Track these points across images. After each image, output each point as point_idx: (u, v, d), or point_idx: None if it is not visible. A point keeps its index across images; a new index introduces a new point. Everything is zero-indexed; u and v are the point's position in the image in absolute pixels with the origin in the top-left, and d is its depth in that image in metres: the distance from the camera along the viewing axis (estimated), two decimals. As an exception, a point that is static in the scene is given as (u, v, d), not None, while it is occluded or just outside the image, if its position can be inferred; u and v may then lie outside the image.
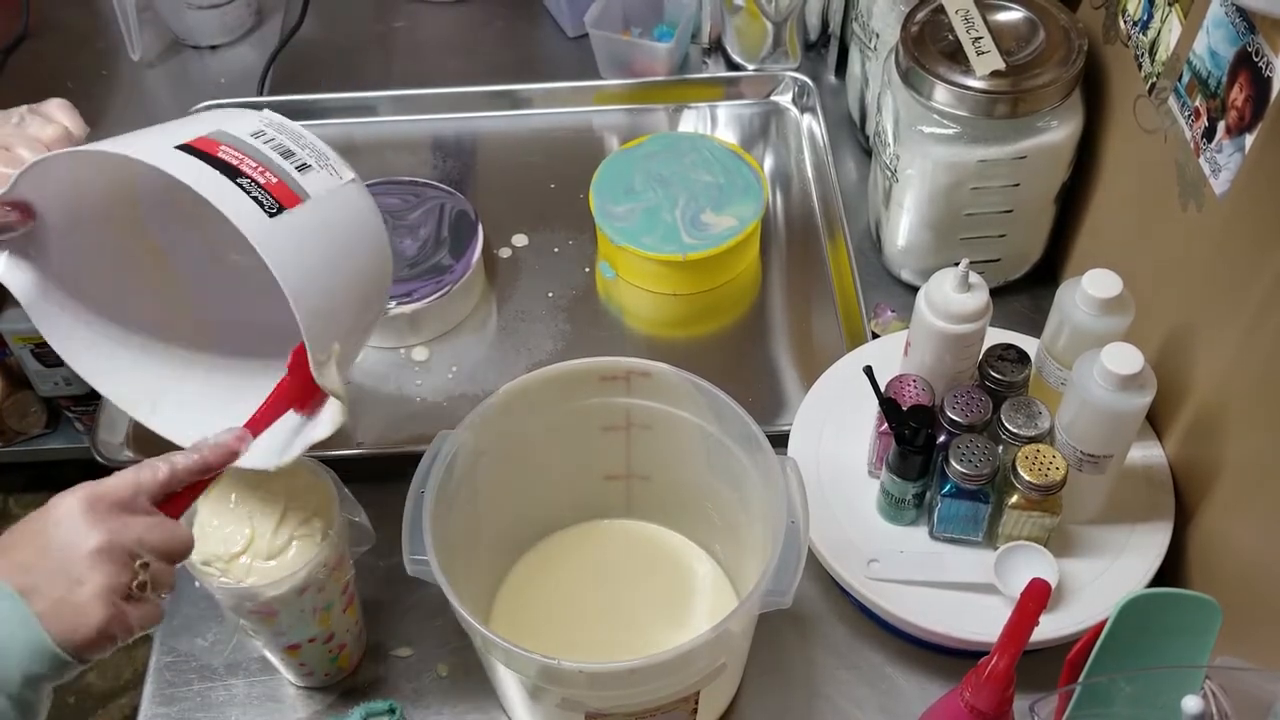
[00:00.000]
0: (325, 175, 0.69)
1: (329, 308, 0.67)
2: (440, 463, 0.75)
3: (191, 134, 0.65)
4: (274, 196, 0.64)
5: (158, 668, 0.86)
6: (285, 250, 0.63)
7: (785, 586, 0.69)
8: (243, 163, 0.65)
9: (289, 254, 0.64)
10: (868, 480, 0.89)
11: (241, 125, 0.68)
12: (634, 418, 0.83)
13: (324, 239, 0.68)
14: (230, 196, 0.62)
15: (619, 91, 1.23)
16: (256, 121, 0.69)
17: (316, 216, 0.67)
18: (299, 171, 0.67)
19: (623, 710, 0.72)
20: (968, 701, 0.66)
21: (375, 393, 1.02)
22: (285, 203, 0.65)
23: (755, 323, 1.07)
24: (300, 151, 0.68)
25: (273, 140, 0.68)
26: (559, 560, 0.90)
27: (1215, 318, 0.80)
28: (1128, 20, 0.90)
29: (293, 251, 0.64)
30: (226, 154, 0.65)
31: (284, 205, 0.64)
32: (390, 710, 0.82)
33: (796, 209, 1.15)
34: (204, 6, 1.28)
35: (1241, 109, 0.74)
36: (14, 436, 1.82)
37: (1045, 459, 0.78)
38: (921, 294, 0.83)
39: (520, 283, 1.09)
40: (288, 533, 0.74)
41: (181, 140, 0.64)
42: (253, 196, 0.63)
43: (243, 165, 0.64)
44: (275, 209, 0.64)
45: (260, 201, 0.63)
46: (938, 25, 0.94)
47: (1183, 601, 0.68)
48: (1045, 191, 0.99)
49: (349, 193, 0.70)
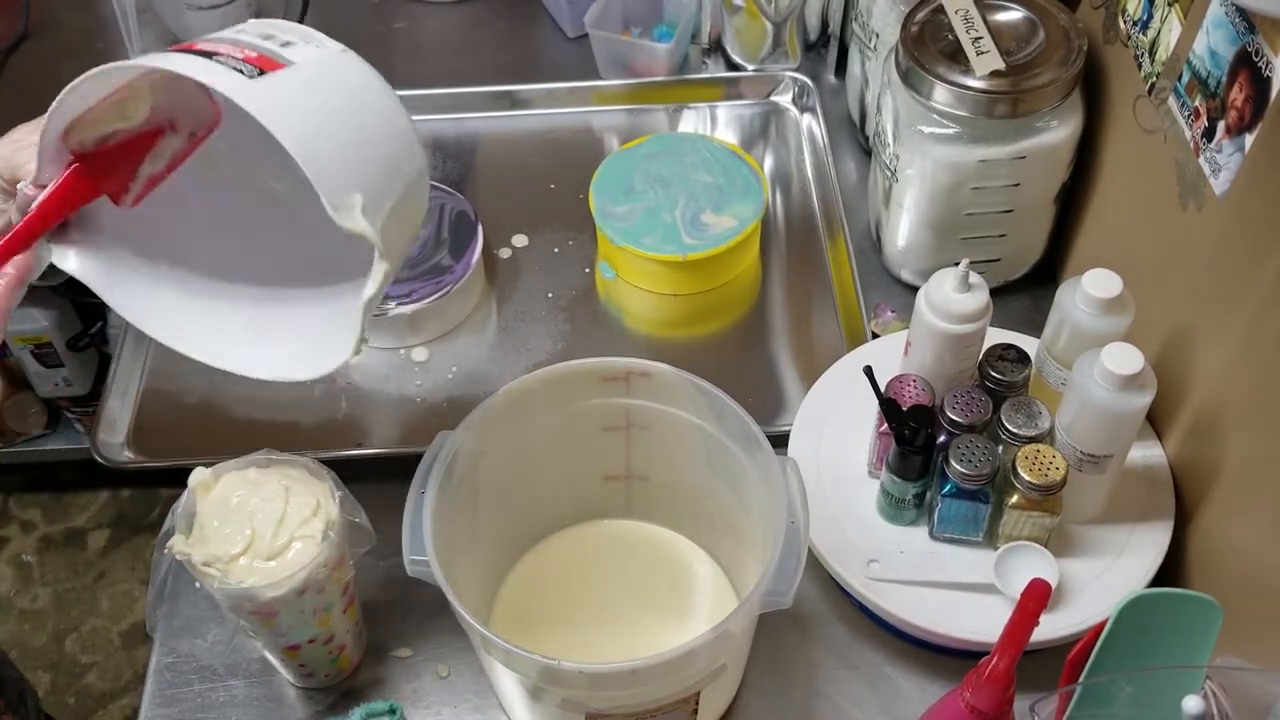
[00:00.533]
0: (311, 48, 0.68)
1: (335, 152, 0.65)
2: (440, 463, 0.75)
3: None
4: (254, 65, 0.64)
5: (158, 669, 0.86)
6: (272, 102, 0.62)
7: (785, 587, 0.69)
8: (218, 47, 0.64)
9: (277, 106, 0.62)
10: (868, 480, 0.89)
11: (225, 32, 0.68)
12: (634, 418, 0.83)
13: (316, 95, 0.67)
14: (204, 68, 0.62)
15: (619, 92, 1.23)
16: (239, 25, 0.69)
17: (304, 76, 0.66)
18: (282, 47, 0.66)
19: (623, 711, 0.72)
20: (968, 702, 0.66)
21: (375, 393, 1.02)
22: (266, 68, 0.64)
23: (755, 323, 1.07)
24: (280, 34, 0.67)
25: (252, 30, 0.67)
26: (559, 561, 0.90)
27: (1215, 317, 0.80)
28: (1127, 20, 0.90)
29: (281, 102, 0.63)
30: (204, 45, 0.65)
31: (264, 70, 0.64)
32: (390, 711, 0.82)
33: (796, 209, 1.15)
34: (203, 7, 1.28)
35: (1241, 109, 0.74)
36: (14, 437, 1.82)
37: (1045, 459, 0.78)
38: (921, 294, 0.83)
39: (520, 283, 1.09)
40: (288, 533, 0.74)
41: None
42: (233, 68, 0.63)
43: (218, 49, 0.64)
44: (256, 74, 0.63)
45: (240, 70, 0.63)
46: (937, 25, 0.94)
47: (1183, 601, 0.68)
48: (1045, 191, 0.99)
49: (340, 59, 0.70)
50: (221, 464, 0.77)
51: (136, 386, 1.02)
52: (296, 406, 1.00)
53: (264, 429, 0.99)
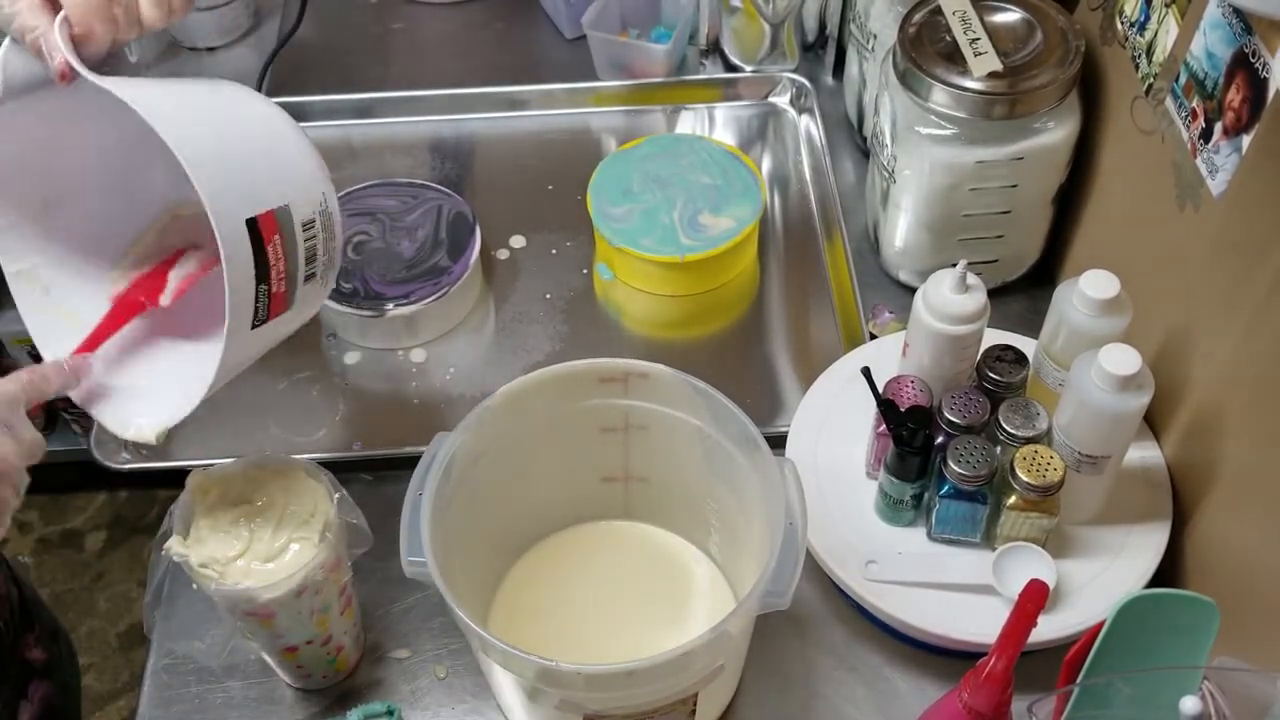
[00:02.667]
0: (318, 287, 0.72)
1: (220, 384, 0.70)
2: (438, 464, 0.75)
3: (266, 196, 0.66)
4: (270, 309, 0.68)
5: (155, 670, 0.86)
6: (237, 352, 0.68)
7: (783, 588, 0.69)
8: (276, 265, 0.67)
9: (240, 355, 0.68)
10: (866, 481, 0.89)
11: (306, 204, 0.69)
12: (632, 419, 0.83)
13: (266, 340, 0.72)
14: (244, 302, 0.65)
15: (617, 93, 1.23)
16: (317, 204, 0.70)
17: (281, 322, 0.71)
18: (305, 281, 0.70)
19: (621, 712, 0.72)
20: (966, 702, 0.66)
21: (373, 394, 1.02)
22: (273, 314, 0.69)
23: (753, 324, 1.07)
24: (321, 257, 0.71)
25: (312, 240, 0.70)
26: (557, 562, 0.90)
27: (1213, 318, 0.80)
28: (1125, 21, 0.90)
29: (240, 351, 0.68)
30: (273, 250, 0.66)
31: (269, 317, 0.68)
32: (388, 712, 0.82)
33: (794, 210, 1.15)
34: (201, 8, 1.28)
35: (1238, 110, 0.74)
36: (11, 438, 1.81)
37: (1043, 460, 0.78)
38: (919, 295, 0.83)
39: (518, 284, 1.09)
40: (285, 535, 0.74)
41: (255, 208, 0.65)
42: (256, 306, 0.66)
43: (273, 270, 0.67)
44: (262, 320, 0.68)
45: (258, 311, 0.67)
46: (935, 26, 0.94)
47: (1181, 602, 0.68)
48: (1043, 192, 0.99)
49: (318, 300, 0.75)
50: (219, 466, 0.77)
51: (134, 388, 1.02)
52: (294, 408, 1.00)
53: (261, 431, 0.99)
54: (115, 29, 0.64)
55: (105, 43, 0.64)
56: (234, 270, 0.64)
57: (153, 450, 0.98)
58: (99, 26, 0.63)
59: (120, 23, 0.65)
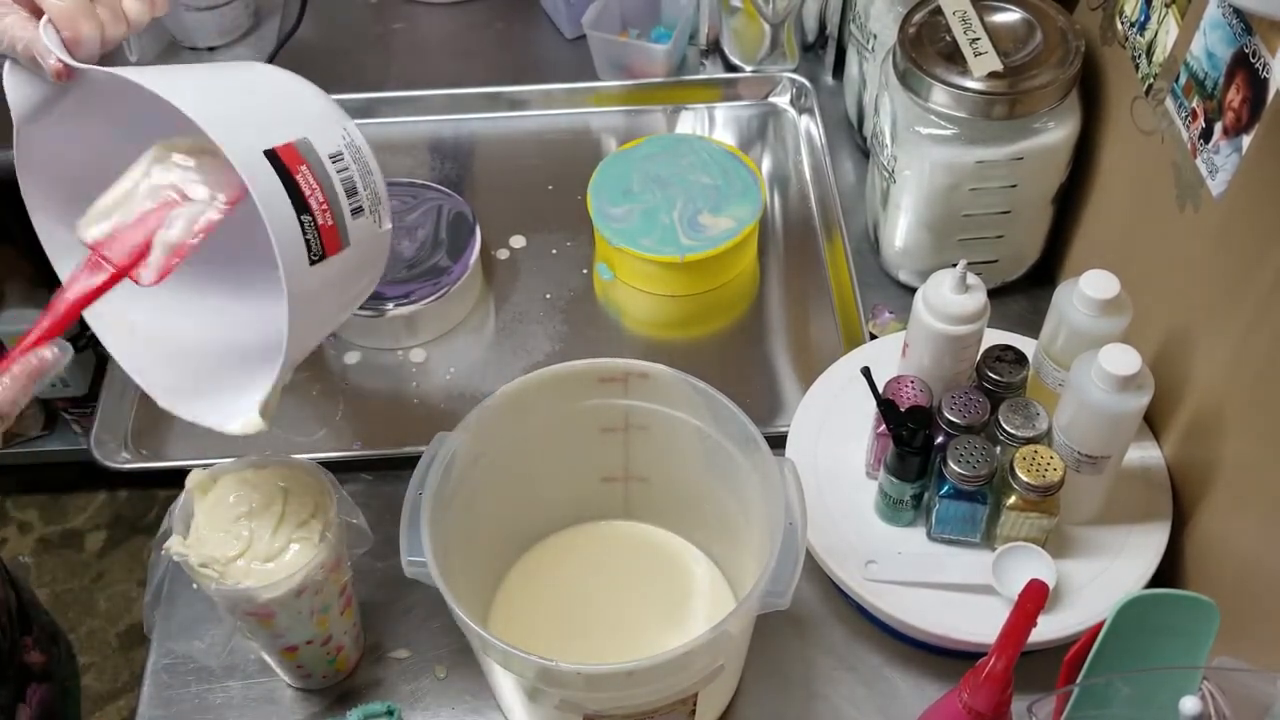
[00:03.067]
0: (370, 222, 0.68)
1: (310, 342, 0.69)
2: (438, 464, 0.75)
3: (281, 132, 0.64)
4: (323, 242, 0.64)
5: (155, 670, 0.86)
6: (305, 299, 0.64)
7: (783, 588, 0.69)
8: (313, 195, 0.64)
9: (306, 303, 0.64)
10: (865, 481, 0.89)
11: (327, 139, 0.67)
12: (632, 419, 0.83)
13: (338, 288, 0.69)
14: (291, 238, 0.62)
15: (617, 93, 1.23)
16: (339, 138, 0.68)
17: (346, 265, 0.67)
18: (353, 215, 0.67)
19: (621, 712, 0.72)
20: (966, 703, 0.66)
21: (373, 394, 1.02)
22: (329, 249, 0.65)
23: (753, 324, 1.07)
24: (362, 190, 0.68)
25: (346, 171, 0.67)
26: (557, 562, 0.90)
27: (1213, 319, 0.80)
28: (1125, 21, 0.90)
29: (310, 300, 0.65)
30: (305, 179, 0.64)
31: (326, 253, 0.65)
32: (388, 712, 0.82)
33: (794, 210, 1.15)
34: (201, 8, 1.28)
35: (1238, 110, 0.74)
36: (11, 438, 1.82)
37: (1043, 460, 0.78)
38: (919, 295, 0.83)
39: (518, 284, 1.09)
40: (285, 535, 0.74)
41: (271, 141, 0.63)
42: (307, 239, 0.63)
43: (312, 199, 0.64)
44: (319, 255, 0.64)
45: (310, 245, 0.64)
46: (935, 26, 0.94)
47: (1180, 602, 0.68)
48: (1043, 192, 0.99)
49: (379, 243, 0.71)
50: (219, 465, 0.77)
51: (134, 387, 1.02)
52: (294, 408, 1.00)
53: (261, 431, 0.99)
54: (101, 28, 0.65)
55: (95, 42, 0.65)
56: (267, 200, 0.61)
57: (152, 450, 0.98)
58: (85, 26, 0.64)
59: (106, 21, 0.65)
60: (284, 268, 0.62)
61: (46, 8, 0.63)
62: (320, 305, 0.68)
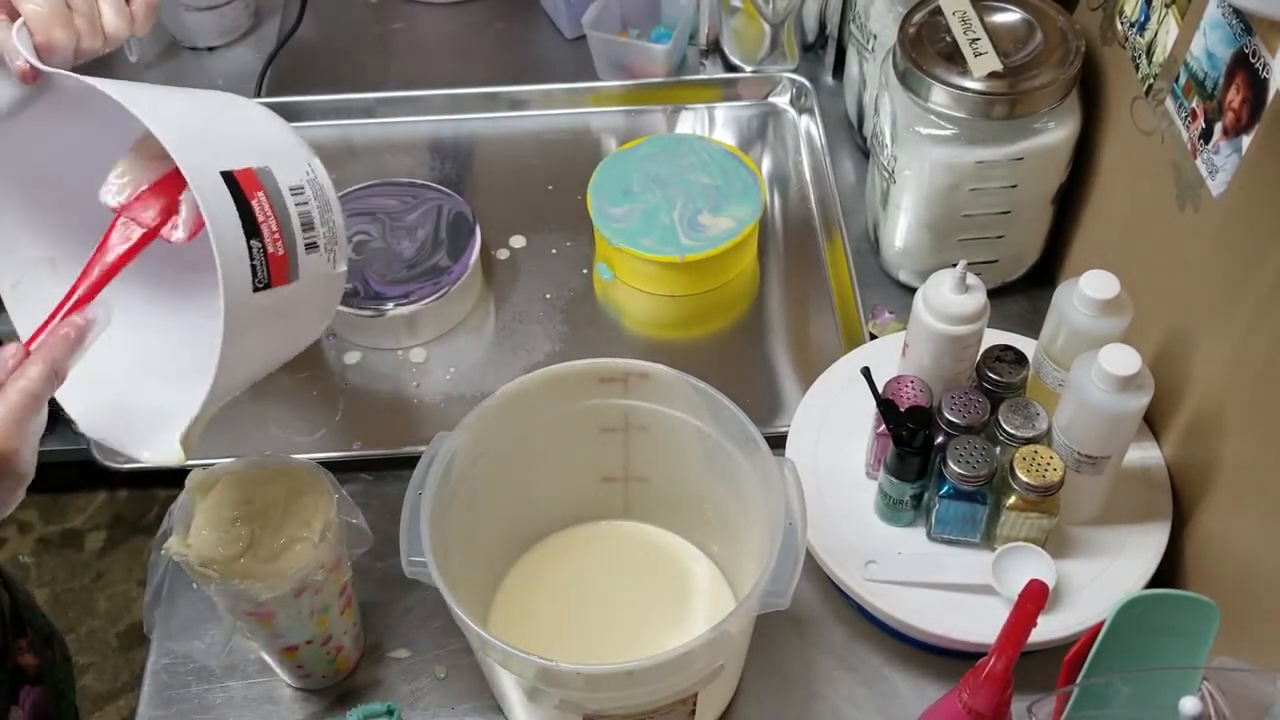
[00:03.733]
0: (324, 260, 0.68)
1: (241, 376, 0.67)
2: (438, 464, 0.75)
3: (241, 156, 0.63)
4: (269, 270, 0.63)
5: (155, 670, 0.86)
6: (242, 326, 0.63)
7: (783, 588, 0.69)
8: (266, 221, 0.63)
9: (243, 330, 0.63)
10: (865, 481, 0.89)
11: (290, 171, 0.66)
12: (632, 419, 0.83)
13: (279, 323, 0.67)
14: (235, 255, 0.61)
15: (617, 93, 1.23)
16: (303, 173, 0.67)
17: (293, 299, 0.66)
18: (306, 250, 0.66)
19: (621, 712, 0.72)
20: (966, 703, 0.66)
21: (373, 394, 1.02)
22: (275, 279, 0.64)
23: (753, 324, 1.07)
24: (319, 227, 0.67)
25: (305, 205, 0.66)
26: (557, 562, 0.90)
27: (1213, 319, 0.80)
28: (1125, 22, 0.90)
29: (248, 328, 0.64)
30: (259, 205, 0.63)
31: (272, 282, 0.63)
32: (388, 712, 0.82)
33: (794, 210, 1.15)
34: (201, 8, 1.28)
35: (1238, 110, 0.74)
36: (11, 438, 1.81)
37: (1043, 460, 0.78)
38: (919, 295, 0.83)
39: (518, 284, 1.09)
40: (285, 535, 0.74)
41: (230, 164, 0.62)
42: (253, 264, 0.62)
43: (264, 225, 0.63)
44: (264, 283, 0.63)
45: (255, 270, 0.62)
46: (935, 26, 0.94)
47: (1180, 603, 0.68)
48: (1043, 193, 0.99)
49: (330, 285, 0.70)
50: (219, 465, 0.77)
51: (134, 387, 1.02)
52: (294, 408, 1.00)
53: (261, 430, 0.99)
54: (77, 37, 0.64)
55: (68, 50, 0.64)
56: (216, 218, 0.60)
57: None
58: (59, 33, 0.64)
59: (83, 32, 0.65)
60: (225, 290, 0.60)
61: (22, 11, 0.63)
62: (258, 336, 0.66)
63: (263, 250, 0.63)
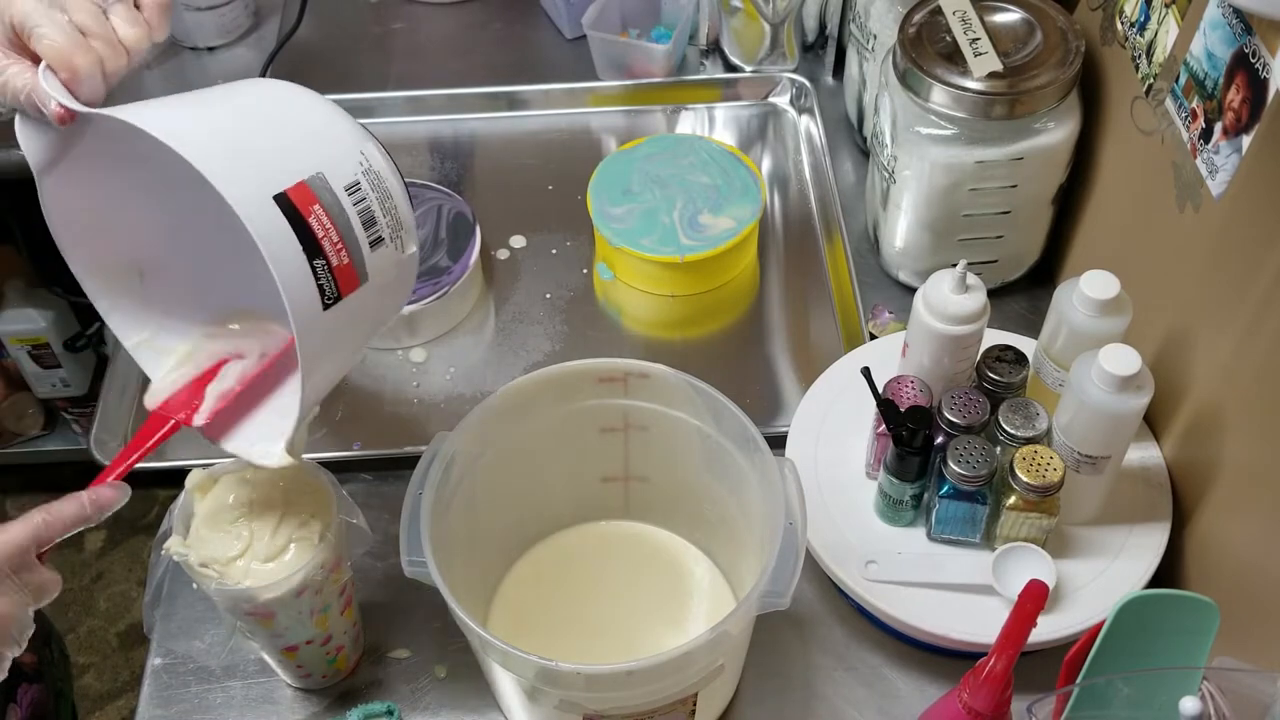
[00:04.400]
0: (391, 250, 0.66)
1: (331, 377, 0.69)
2: (438, 464, 0.75)
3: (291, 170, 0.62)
4: (337, 284, 0.63)
5: (155, 670, 0.86)
6: (318, 340, 0.63)
7: (783, 588, 0.69)
8: (326, 235, 0.62)
9: (320, 344, 0.63)
10: (865, 481, 0.89)
11: (344, 169, 0.65)
12: (632, 419, 0.83)
13: (356, 323, 0.67)
14: (301, 284, 0.61)
15: (616, 93, 1.23)
16: (357, 166, 0.65)
17: (365, 299, 0.65)
18: (371, 247, 0.65)
19: (621, 712, 0.72)
20: (966, 703, 0.66)
21: (373, 394, 1.02)
22: (344, 290, 0.63)
23: (753, 324, 1.07)
24: (382, 220, 0.66)
25: (363, 202, 0.65)
26: (557, 562, 0.90)
27: (1213, 319, 0.80)
28: (1125, 22, 0.90)
29: (325, 340, 0.64)
30: (316, 220, 0.62)
31: (341, 295, 0.63)
32: (388, 712, 0.82)
33: (794, 210, 1.15)
34: (202, 8, 1.28)
35: (1238, 110, 0.74)
36: (11, 438, 1.82)
37: (1043, 460, 0.78)
38: (919, 295, 0.83)
39: (518, 284, 1.09)
40: (285, 535, 0.74)
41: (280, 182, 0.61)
42: (320, 284, 0.62)
43: (325, 241, 0.62)
44: (334, 299, 0.62)
45: (324, 289, 0.62)
46: (935, 26, 0.94)
47: (1180, 602, 0.68)
48: (1043, 193, 0.99)
49: (402, 268, 0.68)
50: (219, 465, 0.77)
51: (134, 387, 1.02)
52: (294, 407, 1.00)
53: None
54: (99, 61, 0.64)
55: (95, 77, 0.64)
56: (275, 250, 0.59)
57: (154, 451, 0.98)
58: (81, 61, 0.63)
59: (103, 54, 0.64)
60: (294, 317, 0.60)
61: (40, 51, 0.63)
62: (338, 343, 0.67)
63: (328, 267, 0.62)
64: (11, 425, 1.80)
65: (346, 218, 0.64)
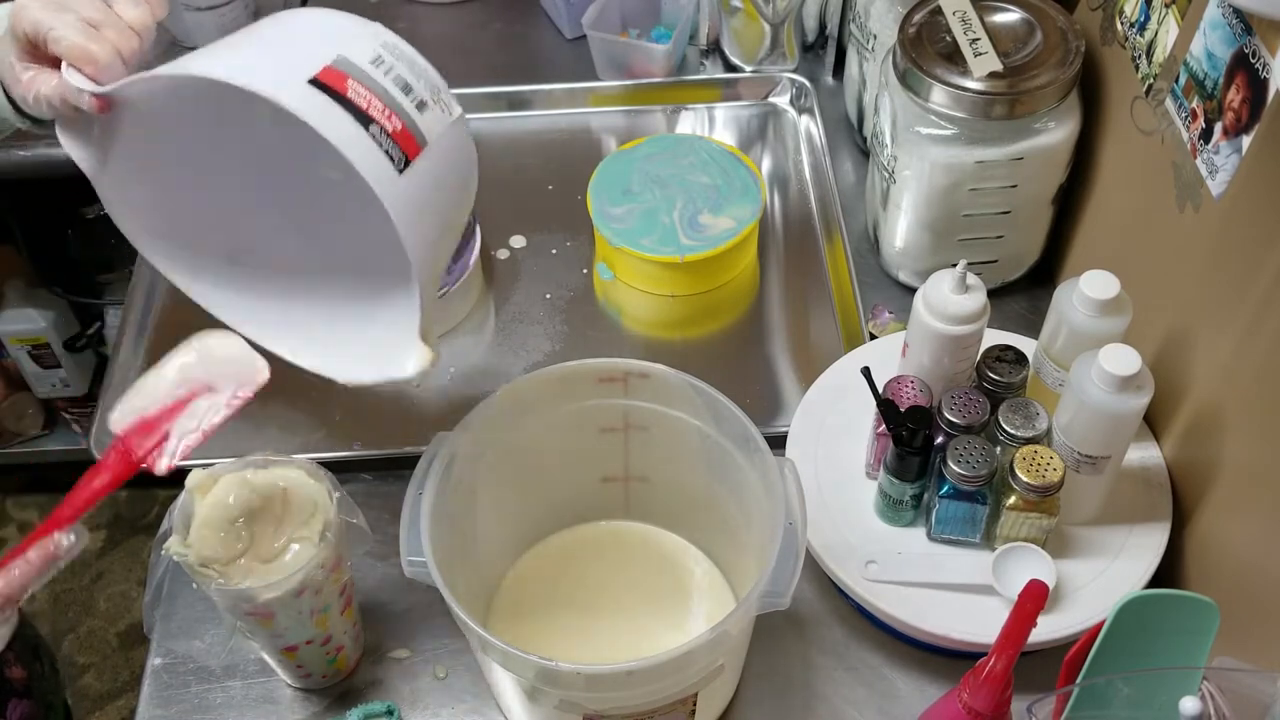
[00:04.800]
0: (439, 113, 0.68)
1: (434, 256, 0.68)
2: (438, 464, 0.75)
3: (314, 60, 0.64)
4: (400, 147, 0.64)
5: (155, 670, 0.86)
6: (409, 210, 0.64)
7: (783, 588, 0.69)
8: (371, 104, 0.64)
9: (411, 214, 0.64)
10: (865, 481, 0.89)
11: (360, 48, 0.67)
12: (632, 419, 0.83)
13: (437, 190, 0.68)
14: (366, 153, 0.62)
15: (617, 93, 1.23)
16: (373, 43, 0.68)
17: (433, 164, 0.66)
18: (418, 111, 0.66)
19: (621, 712, 0.72)
20: (966, 703, 0.66)
21: (372, 394, 1.02)
22: (410, 153, 0.64)
23: (753, 324, 1.07)
24: (417, 84, 0.67)
25: (392, 71, 0.66)
26: (557, 562, 0.90)
27: (1213, 319, 0.80)
28: (1125, 22, 0.90)
29: (414, 210, 0.64)
30: (355, 93, 0.63)
31: (409, 157, 0.64)
32: (388, 712, 0.82)
33: (794, 210, 1.15)
34: (202, 8, 1.28)
35: (1238, 110, 0.74)
36: (11, 438, 1.82)
37: (1043, 460, 0.78)
38: (919, 295, 0.83)
39: (518, 284, 1.09)
40: (285, 535, 0.74)
41: (308, 71, 0.63)
42: (384, 150, 0.63)
43: (371, 108, 0.63)
44: (403, 163, 0.64)
45: (390, 155, 0.63)
46: (935, 26, 0.94)
47: (1180, 602, 0.68)
48: (1043, 193, 0.99)
49: (457, 131, 0.70)
50: (219, 465, 0.77)
51: (134, 387, 1.02)
52: (293, 408, 1.00)
53: (261, 430, 0.99)
54: (115, 48, 0.67)
55: (115, 63, 0.66)
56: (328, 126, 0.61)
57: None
58: (97, 49, 0.66)
59: (117, 41, 0.67)
60: (375, 186, 0.61)
61: (59, 51, 0.66)
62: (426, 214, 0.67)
63: (383, 131, 0.63)
64: (11, 425, 1.80)
65: (382, 86, 0.65)
